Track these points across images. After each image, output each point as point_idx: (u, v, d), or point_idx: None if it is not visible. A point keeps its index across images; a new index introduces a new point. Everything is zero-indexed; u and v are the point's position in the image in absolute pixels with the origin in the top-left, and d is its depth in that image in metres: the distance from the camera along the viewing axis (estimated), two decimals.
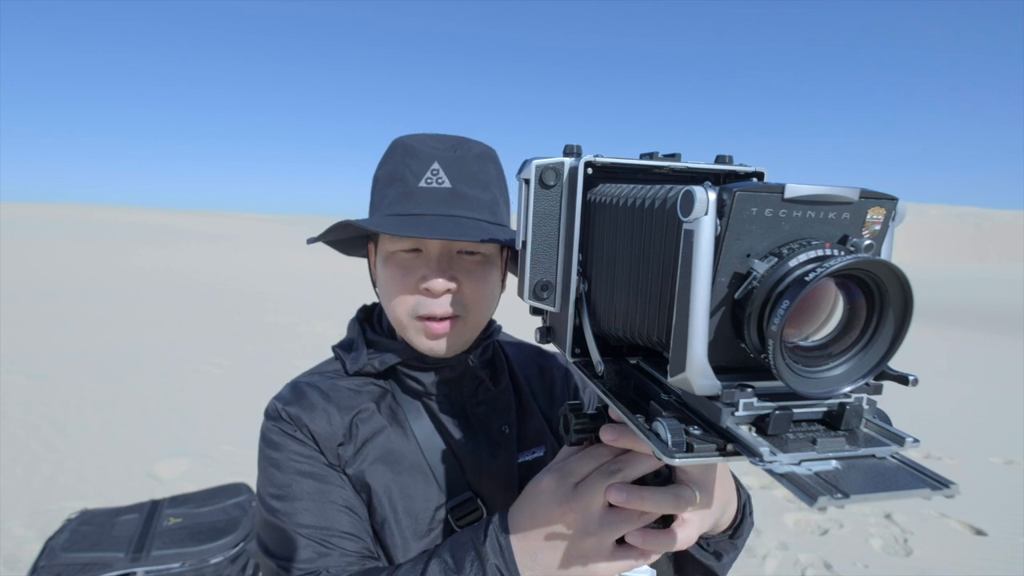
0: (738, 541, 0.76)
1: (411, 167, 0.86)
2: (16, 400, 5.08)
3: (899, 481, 0.41)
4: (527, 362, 1.06)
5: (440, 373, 0.90)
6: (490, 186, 0.89)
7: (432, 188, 0.85)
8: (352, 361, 0.92)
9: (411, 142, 0.88)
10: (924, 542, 3.41)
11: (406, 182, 0.86)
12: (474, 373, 0.93)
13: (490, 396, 0.95)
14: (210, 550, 1.80)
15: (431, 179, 0.85)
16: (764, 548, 3.29)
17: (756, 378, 0.45)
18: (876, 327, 0.44)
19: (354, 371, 0.91)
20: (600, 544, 0.61)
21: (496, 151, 0.94)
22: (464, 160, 0.87)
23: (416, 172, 0.86)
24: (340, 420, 0.87)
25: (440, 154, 0.86)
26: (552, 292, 0.62)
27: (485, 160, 0.90)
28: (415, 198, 0.85)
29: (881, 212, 0.45)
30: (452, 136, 0.91)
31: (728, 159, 0.60)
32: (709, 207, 0.42)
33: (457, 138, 0.90)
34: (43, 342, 7.13)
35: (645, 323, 0.52)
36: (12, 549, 2.95)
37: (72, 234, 27.14)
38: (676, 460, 0.45)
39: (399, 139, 0.90)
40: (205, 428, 4.67)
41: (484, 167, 0.89)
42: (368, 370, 0.91)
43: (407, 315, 0.85)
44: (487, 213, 0.88)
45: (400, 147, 0.88)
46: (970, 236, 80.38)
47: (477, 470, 0.89)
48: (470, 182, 0.87)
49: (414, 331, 0.86)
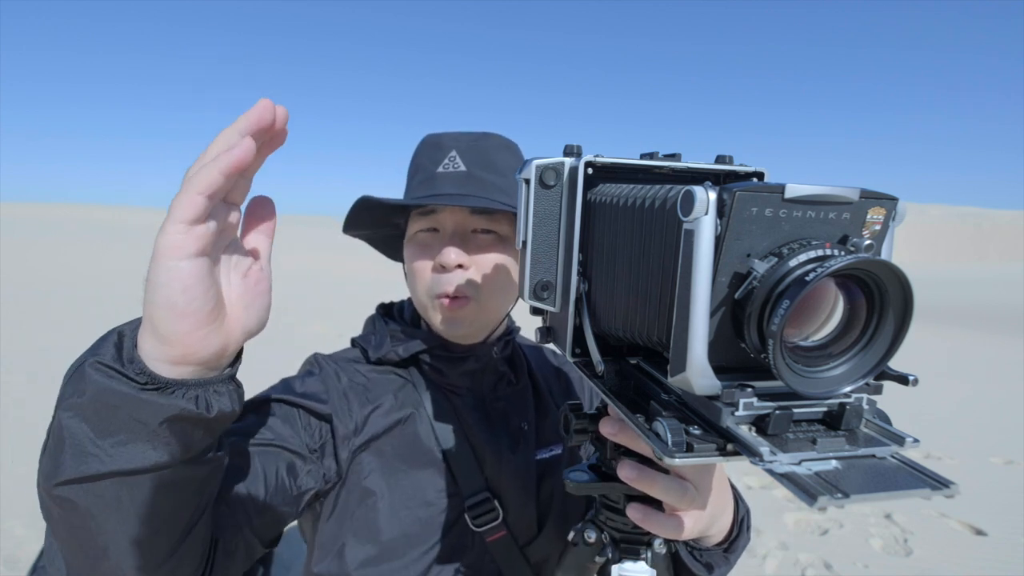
0: (731, 556, 0.75)
1: (432, 156, 0.90)
2: (16, 400, 5.08)
3: (899, 481, 0.41)
4: (544, 363, 1.07)
5: (464, 364, 0.90)
6: (505, 172, 0.91)
7: (448, 172, 0.88)
8: (375, 348, 0.92)
9: (432, 139, 0.92)
10: (924, 542, 3.41)
11: (425, 169, 0.90)
12: (496, 367, 0.94)
13: (510, 392, 0.95)
14: None
15: (448, 164, 0.88)
16: (764, 548, 3.29)
17: (756, 378, 0.45)
18: (876, 327, 0.44)
19: (376, 358, 0.91)
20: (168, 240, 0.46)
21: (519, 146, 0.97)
22: (482, 148, 0.90)
23: (435, 160, 0.89)
24: (359, 411, 0.85)
25: (459, 144, 0.90)
26: (552, 292, 0.62)
27: (504, 150, 0.92)
28: (433, 181, 0.88)
29: (881, 212, 0.45)
30: (478, 131, 0.93)
31: (728, 159, 0.60)
32: (709, 207, 0.42)
33: (481, 132, 0.92)
34: (43, 342, 7.13)
35: (645, 323, 0.52)
36: (12, 549, 2.95)
37: (72, 234, 27.14)
38: (676, 460, 0.45)
39: (426, 136, 0.94)
40: None
41: (502, 156, 0.91)
42: (391, 357, 0.90)
43: (426, 294, 0.86)
44: (500, 194, 0.89)
45: (425, 143, 0.93)
46: (970, 236, 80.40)
47: (496, 465, 0.88)
48: (486, 167, 0.89)
49: (432, 310, 0.86)
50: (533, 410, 0.96)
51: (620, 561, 0.70)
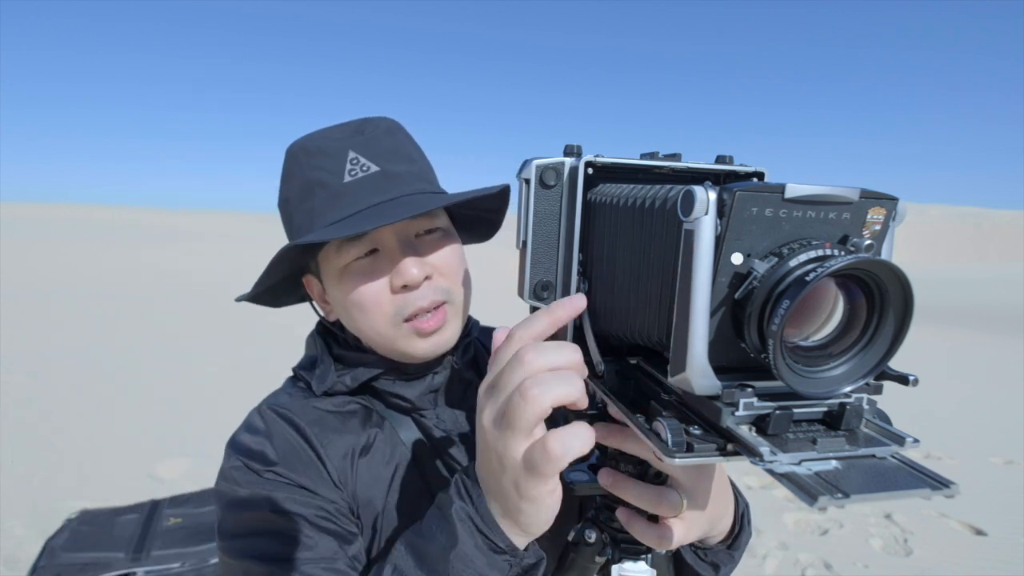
0: (735, 552, 0.74)
1: (325, 167, 0.77)
2: (16, 400, 5.08)
3: (899, 481, 0.41)
4: None
5: (424, 382, 0.82)
6: (414, 157, 0.82)
7: (359, 179, 0.76)
8: (318, 380, 0.81)
9: (310, 143, 0.79)
10: (924, 542, 3.41)
11: (327, 185, 0.76)
12: (460, 376, 0.85)
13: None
14: (210, 550, 1.80)
15: (354, 170, 0.76)
16: (764, 548, 3.29)
17: (756, 378, 0.45)
18: (876, 327, 0.44)
19: (322, 392, 0.81)
20: (505, 447, 0.52)
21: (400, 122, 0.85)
22: (377, 139, 0.78)
23: (333, 170, 0.76)
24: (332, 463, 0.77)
25: (350, 141, 0.77)
26: (552, 292, 0.62)
27: (396, 133, 0.82)
28: (346, 196, 0.75)
29: (881, 212, 0.45)
30: (349, 121, 0.81)
31: (728, 159, 0.60)
32: (709, 207, 0.42)
33: (356, 120, 0.80)
34: (43, 342, 7.13)
35: (645, 323, 0.52)
36: (12, 549, 2.95)
37: (72, 234, 27.14)
38: (676, 460, 0.45)
39: (293, 146, 0.81)
40: (205, 428, 4.67)
41: (399, 139, 0.82)
42: (339, 389, 0.81)
43: (389, 324, 0.76)
44: (424, 183, 0.81)
45: (301, 152, 0.79)
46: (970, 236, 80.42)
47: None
48: (394, 159, 0.78)
49: (404, 339, 0.77)
50: None
51: (620, 561, 0.70)
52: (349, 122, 0.80)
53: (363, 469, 0.78)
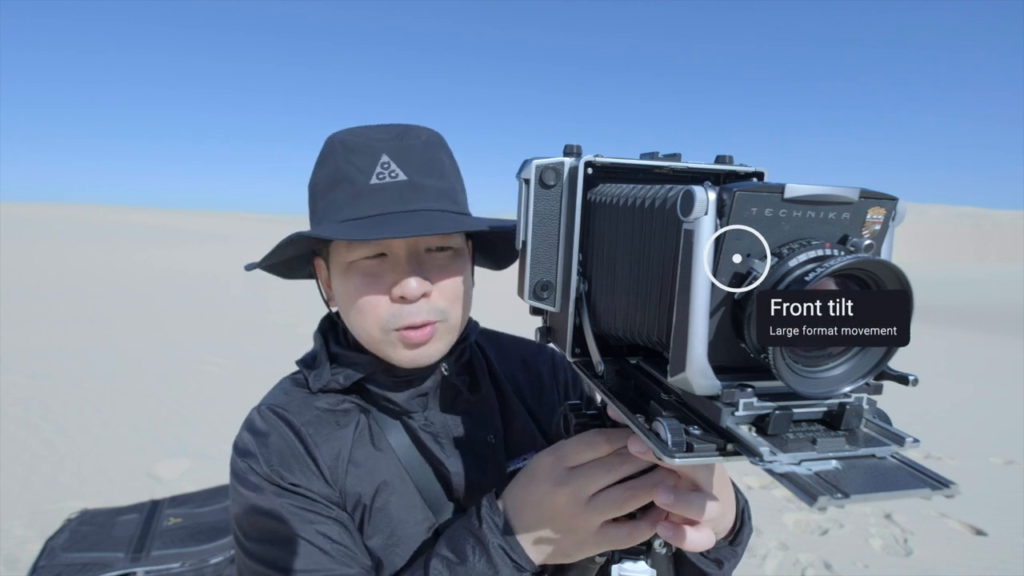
0: (738, 548, 0.75)
1: (356, 164, 0.78)
2: (16, 400, 5.08)
3: (899, 481, 0.41)
4: (509, 359, 0.99)
5: (412, 387, 0.83)
6: (446, 173, 0.83)
7: (386, 184, 0.77)
8: (315, 378, 0.84)
9: (350, 137, 0.80)
10: (924, 542, 3.41)
11: (354, 182, 0.78)
12: (449, 383, 0.86)
13: (470, 406, 0.88)
14: (210, 550, 1.80)
15: (383, 174, 0.77)
16: (764, 548, 3.29)
17: (756, 378, 0.45)
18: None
19: (317, 389, 0.84)
20: (588, 523, 0.63)
21: (443, 136, 0.86)
22: (414, 148, 0.80)
23: (364, 169, 0.77)
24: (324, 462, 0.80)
25: (387, 145, 0.78)
26: (552, 292, 0.62)
27: (435, 146, 0.83)
28: (369, 197, 0.77)
29: (881, 212, 0.45)
30: (395, 124, 0.82)
31: (728, 159, 0.60)
32: (709, 207, 0.42)
33: (401, 126, 0.82)
34: (43, 342, 7.13)
35: (645, 323, 0.52)
36: (12, 549, 2.95)
37: (72, 234, 27.13)
38: (676, 460, 0.45)
39: (334, 136, 0.82)
40: (205, 428, 4.67)
41: (436, 154, 0.82)
42: (333, 386, 0.84)
43: (380, 329, 0.78)
44: (449, 202, 0.81)
45: (339, 144, 0.80)
46: (970, 236, 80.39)
47: (467, 488, 0.82)
48: (425, 171, 0.79)
49: (390, 345, 0.79)
50: (499, 418, 0.90)
51: (620, 561, 0.69)
52: (394, 125, 0.82)
53: (352, 468, 0.81)
